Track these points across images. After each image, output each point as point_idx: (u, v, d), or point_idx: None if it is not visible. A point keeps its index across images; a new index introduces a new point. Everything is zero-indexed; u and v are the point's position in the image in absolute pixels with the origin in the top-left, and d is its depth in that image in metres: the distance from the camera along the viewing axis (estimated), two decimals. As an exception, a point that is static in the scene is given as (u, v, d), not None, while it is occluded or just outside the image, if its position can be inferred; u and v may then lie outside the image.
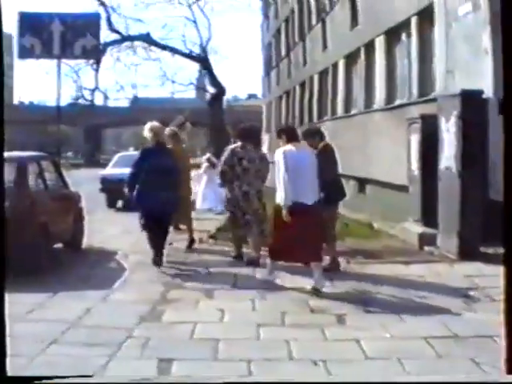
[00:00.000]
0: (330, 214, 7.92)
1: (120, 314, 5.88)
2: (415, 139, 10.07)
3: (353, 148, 15.68)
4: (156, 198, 7.88)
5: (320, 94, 20.13)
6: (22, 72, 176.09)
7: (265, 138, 33.28)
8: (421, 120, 9.84)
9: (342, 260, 8.42)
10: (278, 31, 28.45)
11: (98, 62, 13.69)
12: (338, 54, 17.15)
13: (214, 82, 10.91)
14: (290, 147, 7.09)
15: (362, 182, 15.12)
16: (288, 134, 7.31)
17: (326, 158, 7.79)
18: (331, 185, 7.69)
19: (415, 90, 11.72)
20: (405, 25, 12.18)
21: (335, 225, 8.45)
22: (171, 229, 9.03)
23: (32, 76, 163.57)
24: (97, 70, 14.14)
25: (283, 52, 27.12)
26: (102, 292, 6.72)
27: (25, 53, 10.77)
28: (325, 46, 18.92)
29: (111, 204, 16.38)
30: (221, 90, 11.11)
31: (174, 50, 11.63)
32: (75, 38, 10.20)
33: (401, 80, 12.87)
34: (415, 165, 10.10)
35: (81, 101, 21.36)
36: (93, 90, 17.82)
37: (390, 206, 12.62)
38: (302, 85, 22.87)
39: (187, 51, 13.22)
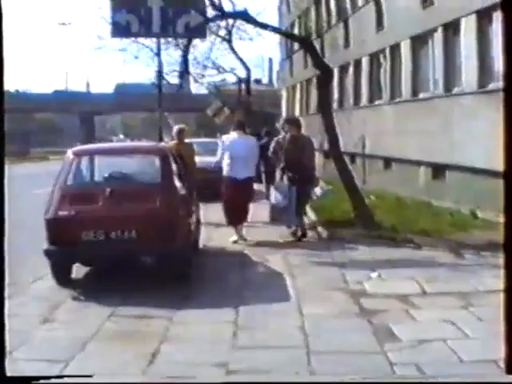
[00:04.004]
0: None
1: (344, 332, 5.16)
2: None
3: (424, 132, 15.01)
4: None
5: (370, 77, 19.38)
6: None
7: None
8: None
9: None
10: (306, 12, 27.53)
11: (189, 42, 12.66)
12: (400, 34, 16.38)
13: (319, 63, 10.07)
14: (232, 134, 9.54)
15: (440, 168, 14.46)
16: (234, 124, 9.90)
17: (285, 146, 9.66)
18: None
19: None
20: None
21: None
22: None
23: (15, 63, 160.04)
24: (186, 51, 13.09)
25: (313, 34, 26.19)
26: (288, 304, 6.00)
27: (119, 31, 9.68)
28: (380, 27, 18.14)
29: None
30: (328, 73, 10.25)
31: (275, 29, 10.77)
32: (177, 14, 9.22)
33: (496, 62, 12.15)
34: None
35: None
36: (181, 73, 16.57)
37: (489, 194, 11.96)
38: (343, 67, 22.08)
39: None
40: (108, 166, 7.21)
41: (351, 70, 21.20)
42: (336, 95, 23.37)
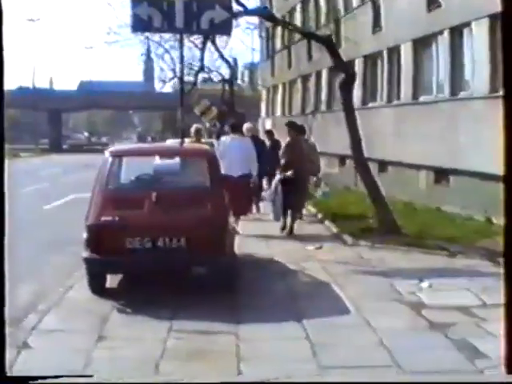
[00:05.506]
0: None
1: (428, 348, 4.91)
2: None
3: (425, 136, 14.91)
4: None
5: (364, 78, 19.24)
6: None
7: (267, 123, 32.25)
8: None
9: None
10: (291, 12, 27.30)
11: (206, 39, 12.18)
12: (400, 36, 16.26)
13: (341, 64, 9.81)
14: (231, 136, 10.20)
15: (442, 173, 14.38)
16: (231, 126, 10.64)
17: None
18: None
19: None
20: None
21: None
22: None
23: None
24: (203, 49, 12.64)
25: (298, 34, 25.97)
26: (352, 317, 5.76)
27: (140, 25, 9.16)
28: (377, 29, 18.01)
29: None
30: (350, 74, 9.97)
31: (296, 29, 10.48)
32: (202, 9, 8.79)
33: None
34: None
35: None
36: (197, 71, 15.96)
37: (498, 200, 11.87)
38: (332, 69, 21.89)
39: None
40: (149, 168, 6.79)
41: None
42: (324, 97, 23.28)
